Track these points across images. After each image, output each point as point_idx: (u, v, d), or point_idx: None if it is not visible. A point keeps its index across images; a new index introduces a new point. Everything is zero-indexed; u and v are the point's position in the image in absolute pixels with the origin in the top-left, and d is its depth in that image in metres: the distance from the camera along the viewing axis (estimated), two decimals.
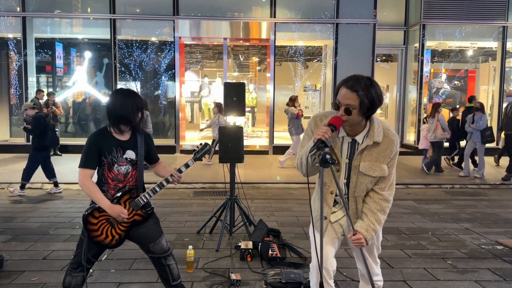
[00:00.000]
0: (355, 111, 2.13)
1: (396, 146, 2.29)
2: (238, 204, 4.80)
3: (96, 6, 11.32)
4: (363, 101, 2.11)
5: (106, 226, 2.67)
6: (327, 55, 11.96)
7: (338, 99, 2.17)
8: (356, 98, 2.11)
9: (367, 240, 2.26)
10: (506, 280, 3.70)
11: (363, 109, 2.14)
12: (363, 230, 2.27)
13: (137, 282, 3.58)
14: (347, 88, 2.14)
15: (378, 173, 2.27)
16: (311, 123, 2.37)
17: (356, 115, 2.15)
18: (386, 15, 12.10)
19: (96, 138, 2.66)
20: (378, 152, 2.26)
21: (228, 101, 4.74)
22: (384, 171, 2.27)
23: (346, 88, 2.14)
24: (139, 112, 2.69)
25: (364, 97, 2.11)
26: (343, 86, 2.16)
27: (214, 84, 14.71)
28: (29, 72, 11.21)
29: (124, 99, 2.65)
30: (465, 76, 12.83)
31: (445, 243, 4.68)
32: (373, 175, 2.27)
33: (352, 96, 2.12)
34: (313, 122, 2.36)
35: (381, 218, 2.31)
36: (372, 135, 2.24)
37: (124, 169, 2.68)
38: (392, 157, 2.29)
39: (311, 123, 2.37)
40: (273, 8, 11.31)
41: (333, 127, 2.10)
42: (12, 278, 3.64)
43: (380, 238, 2.58)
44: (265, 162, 10.16)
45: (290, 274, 3.53)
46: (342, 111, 2.15)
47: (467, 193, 7.46)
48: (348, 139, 2.29)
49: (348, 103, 2.13)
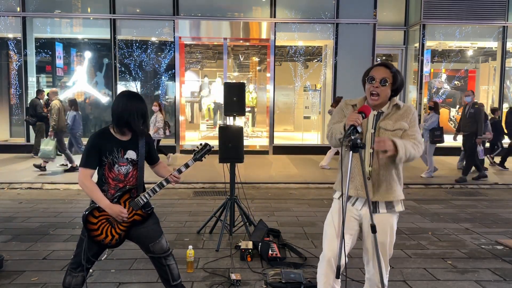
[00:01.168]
0: (389, 84, 2.43)
1: (413, 111, 2.51)
2: (238, 204, 4.80)
3: (96, 6, 11.32)
4: (396, 76, 2.45)
5: (106, 225, 2.67)
6: (327, 55, 11.96)
7: (373, 74, 2.45)
8: (390, 73, 2.44)
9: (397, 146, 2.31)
10: (506, 280, 3.70)
11: (395, 84, 2.44)
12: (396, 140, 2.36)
13: (137, 282, 3.58)
14: (381, 66, 2.47)
15: (397, 126, 2.45)
16: (341, 104, 2.67)
17: (389, 88, 2.45)
18: (386, 15, 12.10)
19: (97, 138, 2.66)
20: (398, 115, 2.49)
21: (228, 101, 4.74)
22: (403, 125, 2.45)
23: (381, 66, 2.47)
24: (143, 118, 2.68)
25: (397, 74, 2.46)
26: (376, 66, 2.48)
27: (214, 84, 14.71)
28: (29, 72, 11.21)
29: (129, 103, 2.63)
30: (465, 76, 12.83)
31: (445, 243, 4.68)
32: (391, 128, 2.45)
33: (387, 71, 2.45)
34: (344, 104, 2.64)
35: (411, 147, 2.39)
36: (393, 101, 2.52)
37: (124, 169, 2.68)
38: (410, 117, 2.48)
39: (341, 104, 2.66)
40: (273, 8, 11.31)
41: (363, 114, 2.31)
42: (12, 278, 3.64)
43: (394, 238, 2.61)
44: (265, 162, 10.16)
45: (290, 274, 3.53)
46: (377, 83, 2.42)
47: (467, 193, 7.46)
48: (374, 112, 2.51)
49: (384, 76, 2.43)
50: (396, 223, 2.60)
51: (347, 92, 11.44)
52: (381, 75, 2.43)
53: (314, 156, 10.91)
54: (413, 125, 2.48)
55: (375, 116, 2.50)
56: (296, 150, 11.39)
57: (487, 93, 13.24)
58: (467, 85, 12.86)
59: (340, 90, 11.44)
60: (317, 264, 2.66)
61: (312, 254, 4.23)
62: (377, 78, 2.43)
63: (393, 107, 2.50)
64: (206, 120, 14.98)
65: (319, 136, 12.52)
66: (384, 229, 2.51)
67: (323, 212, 5.95)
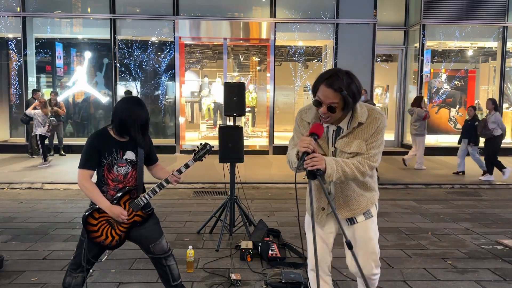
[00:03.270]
0: (339, 109, 2.12)
1: (379, 123, 2.21)
2: (238, 204, 4.79)
3: (96, 6, 11.32)
4: (347, 100, 2.09)
5: (106, 227, 2.67)
6: (327, 55, 11.95)
7: (319, 97, 2.13)
8: (339, 97, 2.08)
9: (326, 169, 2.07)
10: (506, 280, 3.70)
11: (347, 107, 2.13)
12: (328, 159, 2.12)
13: (137, 282, 3.58)
14: (328, 87, 2.09)
15: (354, 149, 2.20)
16: (297, 118, 2.39)
17: (340, 112, 2.15)
18: (386, 15, 12.10)
19: (96, 139, 2.65)
20: (359, 130, 2.22)
21: (228, 101, 4.74)
22: (361, 148, 2.20)
23: (328, 87, 2.09)
24: (145, 127, 2.66)
25: (348, 96, 2.08)
26: (323, 84, 2.11)
27: (214, 84, 14.71)
28: (29, 72, 11.22)
29: (128, 111, 2.59)
30: (465, 76, 12.82)
31: (445, 243, 4.68)
32: (348, 151, 2.21)
33: (335, 95, 2.08)
34: (298, 117, 2.38)
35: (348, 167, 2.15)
36: (356, 117, 2.21)
37: (123, 170, 2.68)
38: (372, 133, 2.20)
39: (297, 118, 2.39)
40: (273, 8, 11.31)
41: (315, 136, 2.10)
42: (12, 278, 3.64)
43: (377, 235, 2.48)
44: (265, 162, 10.15)
45: (290, 274, 3.53)
46: (325, 109, 2.12)
47: (467, 193, 7.46)
48: (333, 127, 2.29)
49: (331, 102, 2.10)
50: (376, 222, 2.48)
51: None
52: (328, 99, 2.09)
53: None
54: (372, 140, 2.20)
55: (334, 132, 2.28)
56: None
57: (487, 93, 13.23)
58: (467, 85, 12.85)
59: None
60: None
61: None
62: (324, 104, 2.12)
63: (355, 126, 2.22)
64: (206, 120, 14.98)
65: None
66: (368, 235, 2.42)
67: None
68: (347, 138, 2.23)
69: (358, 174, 2.17)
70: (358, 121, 2.20)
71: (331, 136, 2.29)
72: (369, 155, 2.20)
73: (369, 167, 2.20)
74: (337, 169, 2.11)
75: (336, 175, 2.11)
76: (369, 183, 2.39)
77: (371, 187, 2.40)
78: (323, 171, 2.07)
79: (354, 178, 2.19)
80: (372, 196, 2.41)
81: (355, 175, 2.17)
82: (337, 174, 2.12)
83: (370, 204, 2.39)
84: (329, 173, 2.09)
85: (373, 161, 2.21)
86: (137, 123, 2.61)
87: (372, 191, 2.42)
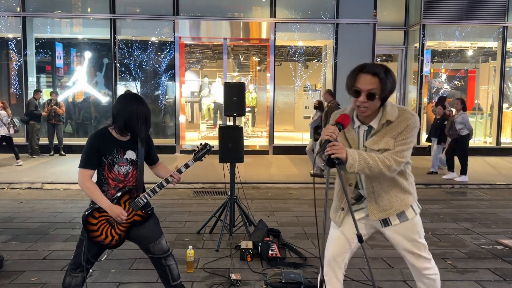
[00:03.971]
0: (377, 97, 2.13)
1: (409, 122, 2.20)
2: (238, 204, 4.79)
3: (96, 6, 11.32)
4: (385, 84, 2.11)
5: (106, 226, 2.67)
6: (327, 55, 11.96)
7: (358, 86, 2.14)
8: (378, 82, 2.11)
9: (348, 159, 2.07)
10: (506, 280, 3.70)
11: (385, 93, 2.13)
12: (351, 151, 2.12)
13: (137, 282, 3.58)
14: (367, 74, 2.12)
15: (381, 146, 2.19)
16: (330, 119, 2.39)
17: (378, 100, 2.15)
18: (386, 15, 12.10)
19: (96, 139, 2.65)
20: (389, 129, 2.21)
21: (228, 101, 4.74)
22: (389, 144, 2.18)
23: (366, 74, 2.12)
24: (147, 123, 2.66)
25: (386, 80, 2.11)
26: (361, 73, 2.14)
27: (214, 84, 14.72)
28: (29, 72, 11.22)
29: (131, 107, 2.59)
30: (465, 76, 12.82)
31: (445, 243, 4.68)
32: (376, 148, 2.20)
33: (374, 81, 2.11)
34: (332, 118, 2.38)
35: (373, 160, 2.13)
36: (385, 115, 2.22)
37: (124, 170, 2.68)
38: (401, 131, 2.19)
39: (331, 119, 2.39)
40: (273, 8, 11.31)
41: (340, 126, 2.12)
42: (12, 278, 3.64)
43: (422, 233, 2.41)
44: (265, 162, 10.15)
45: (290, 274, 3.53)
46: (364, 97, 2.13)
47: (467, 193, 7.46)
48: (364, 127, 2.29)
49: (370, 88, 2.12)
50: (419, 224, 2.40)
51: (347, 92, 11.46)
52: (367, 86, 2.11)
53: None
54: (401, 138, 2.19)
55: (365, 132, 2.28)
56: (296, 150, 11.38)
57: (487, 93, 13.24)
58: (467, 85, 12.86)
59: (340, 90, 11.44)
60: (317, 264, 2.65)
61: (312, 254, 4.23)
62: (363, 92, 2.13)
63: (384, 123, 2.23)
64: (206, 120, 14.98)
65: None
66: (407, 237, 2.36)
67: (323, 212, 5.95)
68: (376, 136, 2.23)
69: (383, 167, 2.14)
70: (386, 119, 2.21)
71: (362, 136, 2.29)
72: (395, 150, 2.18)
73: (395, 162, 2.16)
74: (359, 160, 2.10)
75: (358, 166, 2.10)
76: (403, 185, 2.34)
77: (405, 188, 2.35)
78: (343, 161, 2.07)
79: (380, 172, 2.16)
80: (406, 198, 2.35)
81: (380, 168, 2.14)
82: (359, 165, 2.11)
83: (405, 206, 2.34)
84: (350, 163, 2.08)
85: (400, 156, 2.18)
86: (141, 118, 2.61)
87: (407, 193, 2.36)
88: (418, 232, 2.39)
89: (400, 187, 2.34)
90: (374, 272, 3.68)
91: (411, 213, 2.37)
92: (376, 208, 2.33)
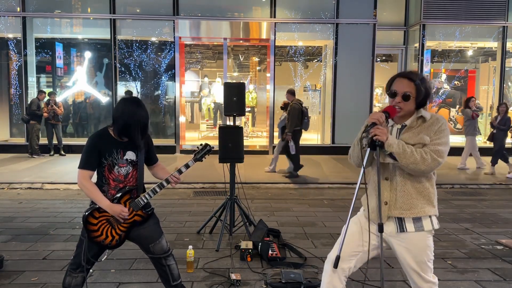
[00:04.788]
0: (412, 98, 2.29)
1: (441, 123, 2.29)
2: (238, 204, 4.79)
3: (96, 6, 11.32)
4: (419, 89, 2.28)
5: (106, 226, 2.67)
6: (327, 55, 11.96)
7: (395, 89, 2.32)
8: (413, 86, 2.29)
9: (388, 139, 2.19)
10: (506, 280, 3.70)
11: (419, 97, 2.29)
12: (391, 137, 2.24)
13: (137, 282, 3.58)
14: (404, 78, 2.32)
15: (416, 140, 2.27)
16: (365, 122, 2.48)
17: (412, 102, 2.30)
18: (386, 15, 12.10)
19: (96, 140, 2.65)
20: (423, 127, 2.31)
21: (228, 101, 4.74)
22: (424, 139, 2.26)
23: (403, 78, 2.32)
24: (144, 129, 2.65)
25: (421, 85, 2.28)
26: (399, 77, 2.34)
27: (214, 84, 14.72)
28: (29, 72, 11.22)
29: (129, 114, 2.58)
30: (465, 76, 12.83)
31: (445, 243, 4.68)
32: (411, 142, 2.27)
33: (409, 84, 2.29)
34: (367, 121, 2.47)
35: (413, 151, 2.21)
36: (419, 112, 2.35)
37: (124, 170, 2.68)
38: (435, 131, 2.28)
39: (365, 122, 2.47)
40: (273, 8, 11.31)
41: (387, 114, 2.26)
42: (12, 278, 3.64)
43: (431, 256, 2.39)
44: (265, 162, 10.15)
45: (290, 274, 3.53)
46: (399, 98, 2.29)
47: (467, 193, 7.46)
48: (398, 125, 2.40)
49: (405, 91, 2.28)
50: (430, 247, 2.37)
51: (347, 92, 11.47)
52: (403, 89, 2.28)
53: (314, 156, 10.91)
54: (436, 137, 2.26)
55: (398, 130, 2.37)
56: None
57: (487, 93, 13.24)
58: (467, 85, 12.86)
59: (340, 90, 11.45)
60: (317, 264, 2.65)
61: (312, 254, 4.23)
62: (399, 93, 2.29)
63: (418, 119, 2.33)
64: (206, 120, 14.98)
65: (319, 136, 12.53)
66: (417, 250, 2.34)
67: (323, 212, 5.95)
68: (411, 132, 2.32)
69: (419, 158, 2.20)
70: (421, 114, 2.33)
71: (396, 134, 2.38)
72: (434, 147, 2.25)
73: (432, 158, 2.21)
74: (398, 143, 2.21)
75: (396, 148, 2.20)
76: (428, 191, 2.35)
77: (429, 196, 2.35)
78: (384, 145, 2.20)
79: (415, 162, 2.20)
80: (428, 208, 2.34)
81: (415, 158, 2.20)
82: (397, 148, 2.20)
83: (423, 212, 2.32)
84: (389, 143, 2.20)
85: (438, 155, 2.23)
86: (139, 125, 2.61)
87: (430, 204, 2.35)
88: (427, 255, 2.37)
89: (424, 193, 2.34)
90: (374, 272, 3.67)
91: (428, 224, 2.35)
92: (395, 206, 2.33)
